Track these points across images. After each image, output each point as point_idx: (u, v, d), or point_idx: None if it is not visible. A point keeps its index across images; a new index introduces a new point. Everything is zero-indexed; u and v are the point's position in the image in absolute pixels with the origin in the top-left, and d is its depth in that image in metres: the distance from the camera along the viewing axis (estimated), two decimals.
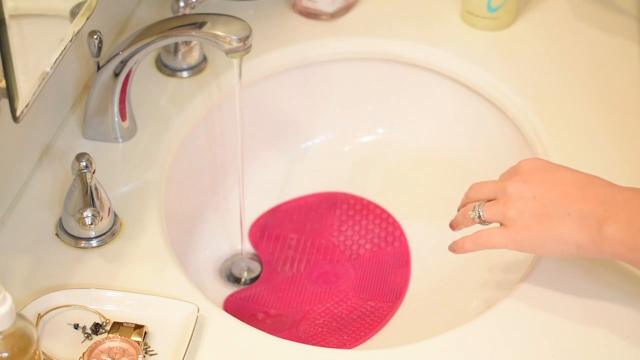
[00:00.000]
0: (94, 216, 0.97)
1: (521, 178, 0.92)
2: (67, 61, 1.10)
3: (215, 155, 1.23)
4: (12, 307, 0.77)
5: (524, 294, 0.97)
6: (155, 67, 1.22)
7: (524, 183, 0.91)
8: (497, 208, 0.93)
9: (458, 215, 0.98)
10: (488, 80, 1.22)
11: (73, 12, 0.93)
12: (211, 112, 1.20)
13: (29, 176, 1.06)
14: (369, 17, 1.30)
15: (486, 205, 0.94)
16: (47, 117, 1.10)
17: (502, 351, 0.92)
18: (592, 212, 0.88)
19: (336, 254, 1.20)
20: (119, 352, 0.88)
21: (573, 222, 0.88)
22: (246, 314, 1.13)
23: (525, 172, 0.93)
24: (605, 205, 0.88)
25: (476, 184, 0.97)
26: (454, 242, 0.97)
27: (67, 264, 0.98)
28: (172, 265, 0.99)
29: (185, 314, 0.92)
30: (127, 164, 1.09)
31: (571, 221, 0.89)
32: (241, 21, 1.03)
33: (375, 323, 1.12)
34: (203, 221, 1.22)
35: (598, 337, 0.93)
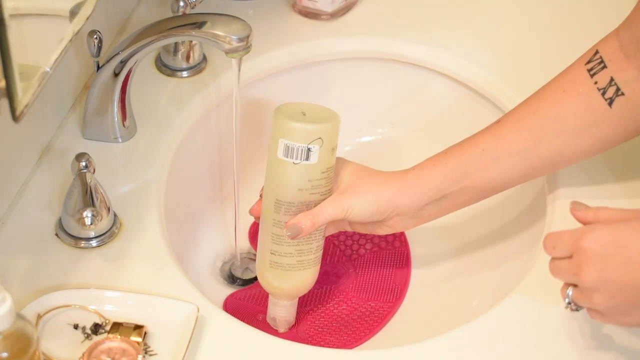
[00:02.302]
0: (93, 216, 0.97)
1: (594, 269, 0.82)
2: (67, 61, 1.10)
3: (215, 154, 1.23)
4: (11, 307, 0.77)
5: (524, 294, 0.97)
6: (155, 67, 1.22)
7: (600, 273, 0.82)
8: (585, 302, 0.85)
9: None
10: (488, 80, 1.22)
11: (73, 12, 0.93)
12: (211, 112, 1.20)
13: (29, 176, 1.06)
14: (369, 17, 1.30)
15: (575, 297, 0.86)
16: (47, 117, 1.10)
17: (502, 351, 0.92)
18: None
19: (336, 254, 1.20)
20: (118, 352, 0.88)
21: None
22: (246, 314, 1.12)
23: (593, 256, 0.83)
24: None
25: (548, 243, 0.87)
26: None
27: (67, 264, 0.98)
28: (172, 265, 0.99)
29: (185, 314, 0.92)
30: (127, 164, 1.09)
31: None
32: (241, 21, 1.03)
33: (375, 323, 1.12)
34: (203, 221, 1.22)
35: (598, 337, 0.93)
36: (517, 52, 1.25)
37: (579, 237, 0.83)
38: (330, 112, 1.01)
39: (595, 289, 0.83)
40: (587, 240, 0.83)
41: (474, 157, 1.01)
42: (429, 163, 1.03)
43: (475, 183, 1.02)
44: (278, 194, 1.00)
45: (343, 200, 1.01)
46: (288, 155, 0.98)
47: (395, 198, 1.01)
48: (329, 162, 1.00)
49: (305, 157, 0.97)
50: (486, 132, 1.02)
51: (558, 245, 0.86)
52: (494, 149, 1.01)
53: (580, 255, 0.83)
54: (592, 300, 0.84)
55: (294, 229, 0.99)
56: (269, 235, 1.02)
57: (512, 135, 1.00)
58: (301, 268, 1.03)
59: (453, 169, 1.01)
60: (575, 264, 0.84)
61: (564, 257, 0.85)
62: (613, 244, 0.82)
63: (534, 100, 1.02)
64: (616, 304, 0.83)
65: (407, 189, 1.02)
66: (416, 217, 1.04)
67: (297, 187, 0.99)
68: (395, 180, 1.02)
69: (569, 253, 0.85)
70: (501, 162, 1.01)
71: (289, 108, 1.00)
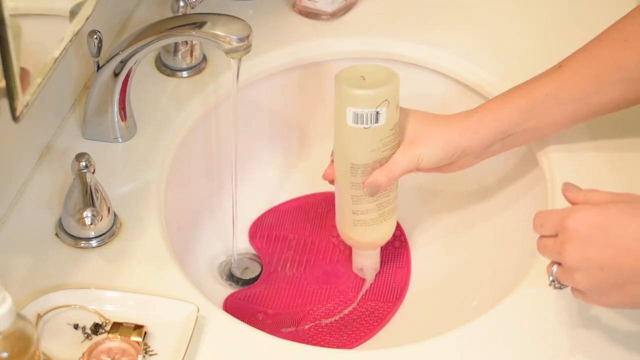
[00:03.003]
0: (93, 216, 0.97)
1: (577, 247, 0.84)
2: (67, 61, 1.10)
3: (215, 154, 1.23)
4: (11, 307, 0.77)
5: (524, 294, 0.97)
6: (155, 67, 1.22)
7: (582, 253, 0.83)
8: (567, 280, 0.86)
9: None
10: (488, 80, 1.22)
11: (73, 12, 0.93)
12: (211, 112, 1.20)
13: (29, 176, 1.06)
14: (369, 17, 1.30)
15: (558, 275, 0.87)
16: (47, 117, 1.10)
17: (502, 351, 0.92)
18: None
19: (336, 254, 1.20)
20: (118, 352, 0.88)
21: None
22: (246, 314, 1.12)
23: (576, 236, 0.84)
24: None
25: (537, 221, 0.88)
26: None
27: (67, 264, 0.98)
28: (172, 265, 0.99)
29: (185, 314, 0.92)
30: (127, 164, 1.09)
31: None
32: (241, 21, 1.03)
33: (375, 323, 1.12)
34: (203, 221, 1.22)
35: (598, 337, 0.93)
36: (517, 52, 1.25)
37: (565, 217, 0.85)
38: (387, 71, 1.04)
39: (576, 269, 0.84)
40: (572, 220, 0.84)
41: (538, 101, 1.04)
42: (492, 105, 1.06)
43: (538, 125, 1.05)
44: (353, 159, 1.05)
45: (412, 150, 1.05)
46: (358, 122, 1.02)
47: (462, 142, 1.05)
48: (395, 118, 1.04)
49: (375, 120, 1.02)
50: (549, 77, 1.05)
51: (545, 224, 0.87)
52: (556, 94, 1.04)
53: (565, 234, 0.84)
54: (573, 279, 0.85)
55: (372, 187, 1.05)
56: (349, 197, 1.07)
57: (575, 81, 1.03)
58: (382, 220, 1.09)
59: (517, 112, 1.05)
60: (559, 243, 0.85)
61: (551, 235, 0.87)
62: (597, 225, 0.83)
63: (596, 47, 1.04)
64: (596, 284, 0.84)
65: (473, 132, 1.05)
66: (482, 155, 1.08)
67: (370, 149, 1.04)
68: (460, 123, 1.06)
69: (555, 231, 0.86)
70: (564, 107, 1.04)
71: (347, 75, 1.03)
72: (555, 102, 1.04)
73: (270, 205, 1.26)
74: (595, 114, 1.06)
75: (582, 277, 0.84)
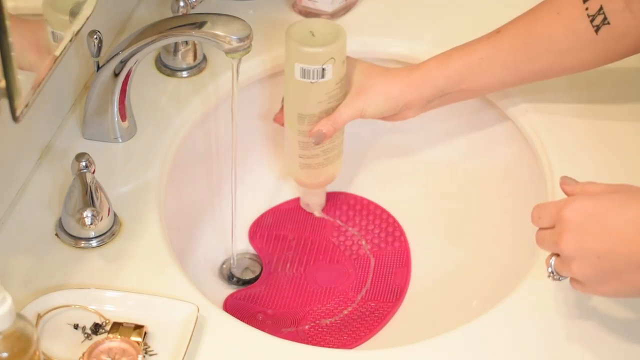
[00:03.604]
0: (93, 216, 0.97)
1: (573, 236, 0.85)
2: (67, 61, 1.10)
3: (215, 154, 1.23)
4: (11, 307, 0.77)
5: (524, 293, 0.97)
6: (155, 67, 1.22)
7: (578, 242, 0.84)
8: (565, 271, 0.87)
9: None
10: None
11: (73, 12, 0.93)
12: (211, 112, 1.20)
13: (29, 176, 1.06)
14: (369, 17, 1.30)
15: (556, 266, 0.88)
16: (47, 117, 1.10)
17: (502, 351, 0.92)
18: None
19: (336, 254, 1.20)
20: (118, 352, 0.88)
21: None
22: (246, 314, 1.12)
23: (573, 226, 0.85)
24: None
25: (534, 213, 0.90)
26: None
27: (67, 264, 0.98)
28: (172, 265, 0.99)
29: (185, 314, 0.92)
30: (127, 164, 1.09)
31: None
32: (241, 21, 1.03)
33: (375, 323, 1.12)
34: (203, 221, 1.22)
35: (598, 337, 0.93)
36: None
37: (561, 207, 0.86)
38: (336, 27, 1.10)
39: (573, 258, 0.85)
40: (567, 210, 0.85)
41: (474, 63, 1.11)
42: (432, 64, 1.12)
43: (473, 86, 1.12)
44: (300, 109, 1.12)
45: (357, 102, 1.11)
46: (305, 77, 1.08)
47: (403, 96, 1.12)
48: (341, 73, 1.10)
49: (321, 75, 1.08)
50: (486, 42, 1.11)
51: (543, 215, 0.88)
52: (491, 59, 1.10)
53: (561, 225, 0.85)
54: (570, 268, 0.86)
55: (318, 136, 1.12)
56: (296, 143, 1.15)
57: (507, 49, 1.09)
58: (328, 163, 1.17)
59: (454, 72, 1.11)
60: (556, 233, 0.86)
61: (549, 227, 0.88)
62: (592, 214, 0.84)
63: (531, 17, 1.10)
64: (593, 273, 0.85)
65: (413, 87, 1.12)
66: (423, 108, 1.14)
67: (317, 101, 1.11)
68: (402, 78, 1.12)
69: (552, 223, 0.87)
70: (497, 71, 1.11)
71: (297, 30, 1.09)
72: (488, 67, 1.10)
73: (270, 205, 1.26)
74: (524, 81, 1.13)
75: (579, 266, 0.85)
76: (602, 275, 0.85)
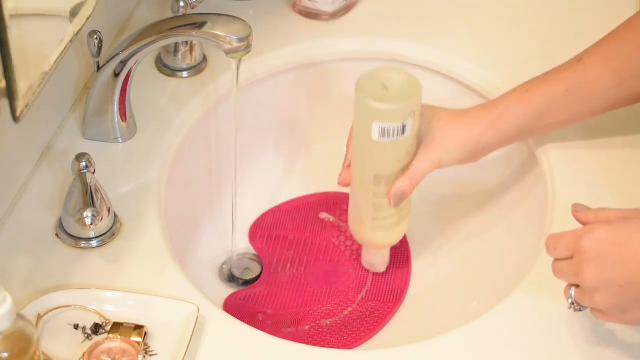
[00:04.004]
0: (93, 216, 0.97)
1: (594, 268, 0.83)
2: (67, 61, 1.10)
3: (215, 154, 1.23)
4: (12, 307, 0.77)
5: (524, 294, 0.97)
6: (155, 67, 1.22)
7: (600, 272, 0.83)
8: (586, 301, 0.86)
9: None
10: (488, 81, 1.22)
11: (73, 12, 0.93)
12: (211, 112, 1.20)
13: (29, 176, 1.06)
14: (369, 17, 1.30)
15: (576, 297, 0.87)
16: (47, 117, 1.10)
17: (502, 351, 0.92)
18: None
19: (336, 254, 1.20)
20: (118, 352, 0.88)
21: None
22: (246, 314, 1.13)
23: (593, 255, 0.83)
24: None
25: (550, 243, 0.88)
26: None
27: (67, 264, 0.98)
28: (172, 265, 0.99)
29: (185, 314, 0.92)
30: (127, 164, 1.09)
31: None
32: (241, 21, 1.03)
33: (375, 323, 1.12)
34: (203, 221, 1.22)
35: (598, 337, 0.93)
36: (517, 52, 1.25)
37: (579, 237, 0.84)
38: (409, 78, 1.01)
39: (595, 288, 0.83)
40: (586, 240, 0.83)
41: (558, 97, 1.03)
42: (512, 99, 1.05)
43: (556, 120, 1.05)
44: (377, 170, 1.03)
45: (433, 153, 1.03)
46: (384, 136, 1.00)
47: (482, 139, 1.05)
48: (417, 126, 1.02)
49: (401, 132, 1.00)
50: (569, 71, 1.04)
51: (559, 246, 0.86)
52: (577, 90, 1.03)
53: (581, 255, 0.83)
54: (593, 299, 0.84)
55: (398, 197, 1.04)
56: (370, 205, 1.06)
57: (595, 76, 1.02)
58: (400, 221, 1.09)
59: (536, 107, 1.04)
60: (575, 264, 0.84)
61: (566, 258, 0.86)
62: (612, 242, 0.82)
63: (614, 40, 1.02)
64: (617, 302, 0.83)
65: (491, 129, 1.05)
66: (500, 146, 1.07)
67: (395, 160, 1.02)
68: (479, 120, 1.05)
69: (569, 253, 0.85)
70: (584, 102, 1.03)
71: (368, 84, 1.00)
72: (575, 98, 1.03)
73: (270, 205, 1.26)
74: (613, 107, 1.05)
75: (601, 296, 0.83)
76: (624, 303, 0.83)
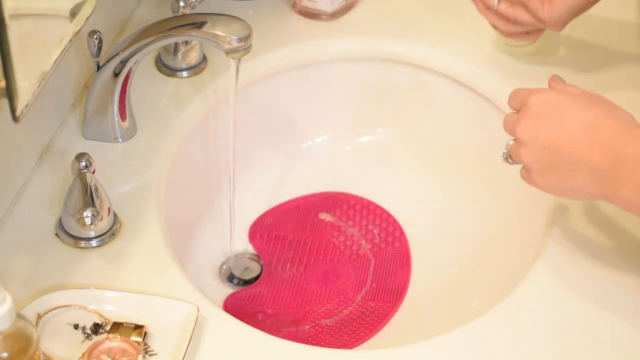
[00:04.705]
0: (93, 216, 0.97)
1: (528, 124, 0.89)
2: (67, 61, 1.10)
3: (215, 154, 1.23)
4: (11, 307, 0.77)
5: (524, 293, 0.97)
6: (155, 67, 1.22)
7: (532, 129, 0.88)
8: (514, 154, 0.92)
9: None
10: (488, 81, 1.22)
11: (73, 12, 0.93)
12: (211, 112, 1.20)
13: (29, 176, 1.06)
14: (369, 17, 1.30)
15: (510, 148, 0.93)
16: (47, 117, 1.10)
17: (502, 351, 0.92)
18: (603, 170, 0.85)
19: (336, 254, 1.20)
20: (118, 352, 0.88)
21: (584, 176, 0.86)
22: (246, 314, 1.13)
23: (532, 113, 0.89)
24: (616, 166, 0.84)
25: (512, 92, 0.93)
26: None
27: (67, 264, 0.98)
28: (172, 265, 0.99)
29: (185, 314, 0.92)
30: (127, 164, 1.09)
31: (582, 174, 0.86)
32: (241, 21, 1.03)
33: (375, 323, 1.12)
34: (203, 221, 1.22)
35: (598, 336, 0.93)
36: (517, 52, 1.25)
37: (529, 94, 0.90)
38: None
39: (523, 144, 0.89)
40: (533, 97, 0.89)
41: None
42: None
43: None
44: None
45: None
46: None
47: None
48: None
49: None
50: None
51: (514, 97, 0.92)
52: None
53: (524, 110, 0.90)
54: (518, 153, 0.90)
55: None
56: None
57: None
58: None
59: None
60: (517, 117, 0.90)
61: (516, 112, 0.92)
62: (553, 106, 0.88)
63: None
64: (536, 162, 0.89)
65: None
66: None
67: None
68: None
69: (519, 106, 0.91)
70: None
71: None
72: None
73: (270, 205, 1.26)
74: None
75: (525, 152, 0.89)
76: (542, 165, 0.88)
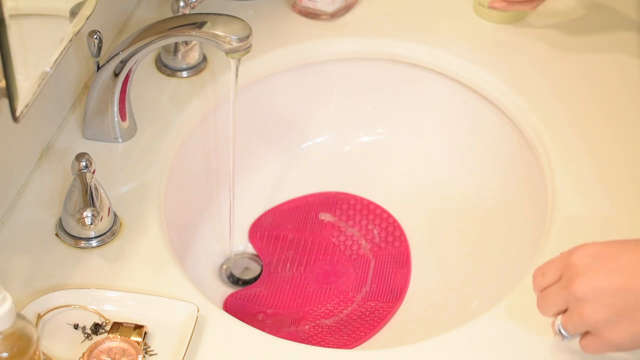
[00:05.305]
0: (93, 216, 0.97)
1: (585, 278, 0.82)
2: (67, 61, 1.10)
3: (215, 154, 1.23)
4: (12, 307, 0.77)
5: (524, 293, 0.97)
6: (155, 67, 1.22)
7: (591, 282, 0.82)
8: (576, 321, 0.83)
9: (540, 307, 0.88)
10: (488, 80, 1.22)
11: (73, 12, 0.93)
12: (211, 112, 1.20)
13: (29, 176, 1.06)
14: (369, 17, 1.30)
15: (564, 321, 0.85)
16: (47, 117, 1.10)
17: (502, 351, 0.92)
18: None
19: (336, 254, 1.20)
20: (118, 352, 0.88)
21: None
22: (246, 314, 1.13)
23: (583, 268, 0.82)
24: None
25: (537, 273, 0.87)
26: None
27: (67, 264, 0.98)
28: (172, 265, 0.99)
29: (185, 314, 0.92)
30: (127, 164, 1.09)
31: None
32: (241, 21, 1.03)
33: (375, 323, 1.12)
34: (203, 221, 1.22)
35: None
36: (517, 51, 1.25)
37: (568, 255, 0.84)
38: None
39: (585, 299, 0.82)
40: (576, 255, 0.83)
41: None
42: None
43: None
44: None
45: None
46: None
47: None
48: None
49: None
50: None
51: (547, 270, 0.86)
52: None
53: (571, 269, 0.83)
54: (582, 313, 0.82)
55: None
56: None
57: None
58: None
59: None
60: (565, 279, 0.83)
61: (552, 284, 0.85)
62: (602, 254, 0.82)
63: None
64: (607, 315, 0.81)
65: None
66: None
67: None
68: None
69: (559, 273, 0.85)
70: None
71: None
72: None
73: (270, 205, 1.26)
74: None
75: (592, 309, 0.82)
76: (616, 316, 0.81)
